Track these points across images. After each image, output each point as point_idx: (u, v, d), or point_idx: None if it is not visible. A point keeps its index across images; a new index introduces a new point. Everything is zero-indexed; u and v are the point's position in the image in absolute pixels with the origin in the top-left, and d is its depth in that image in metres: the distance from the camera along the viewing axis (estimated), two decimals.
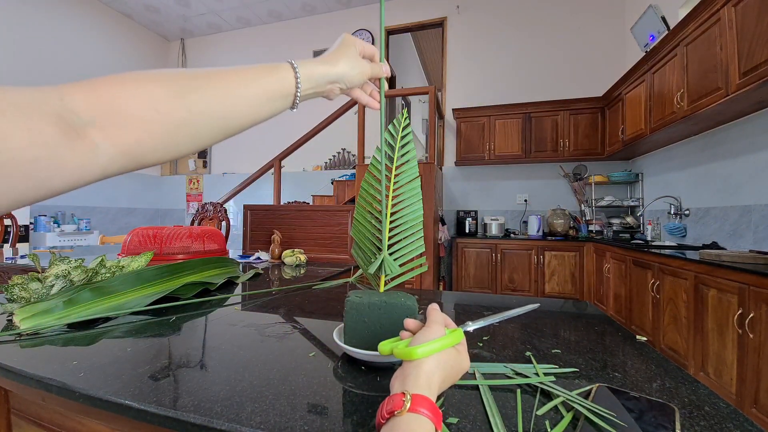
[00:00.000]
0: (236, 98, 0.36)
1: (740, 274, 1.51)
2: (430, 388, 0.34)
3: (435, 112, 3.07)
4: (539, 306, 0.59)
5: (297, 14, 4.97)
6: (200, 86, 0.34)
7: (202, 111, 0.34)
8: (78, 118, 0.26)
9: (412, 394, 0.32)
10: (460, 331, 0.41)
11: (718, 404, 0.42)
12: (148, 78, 0.31)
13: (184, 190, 5.61)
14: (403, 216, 0.56)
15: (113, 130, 0.28)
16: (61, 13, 4.24)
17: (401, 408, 0.31)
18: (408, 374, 0.35)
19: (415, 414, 0.31)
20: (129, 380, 0.47)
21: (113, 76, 0.30)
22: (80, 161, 0.27)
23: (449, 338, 0.38)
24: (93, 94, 0.28)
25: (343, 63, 0.45)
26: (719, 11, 1.91)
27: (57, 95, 0.26)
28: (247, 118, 0.38)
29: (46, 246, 3.79)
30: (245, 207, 2.08)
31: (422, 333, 0.39)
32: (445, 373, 0.37)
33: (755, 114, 2.07)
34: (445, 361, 0.37)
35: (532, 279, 3.39)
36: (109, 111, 0.28)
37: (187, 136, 0.33)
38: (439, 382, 0.36)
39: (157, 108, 0.31)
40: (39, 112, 0.24)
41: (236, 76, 0.36)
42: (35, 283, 0.74)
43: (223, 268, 1.11)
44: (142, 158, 0.31)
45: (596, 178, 3.59)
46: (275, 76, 0.39)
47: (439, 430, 0.32)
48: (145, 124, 0.30)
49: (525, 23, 4.07)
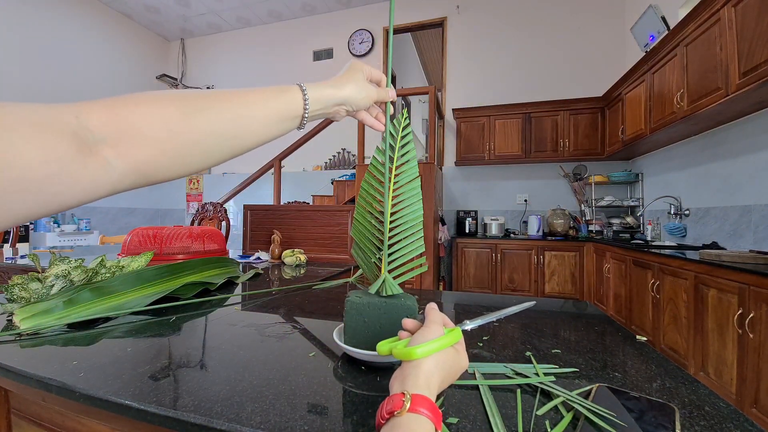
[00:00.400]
0: (247, 119, 0.37)
1: (740, 274, 1.51)
2: (429, 387, 0.34)
3: (435, 112, 3.07)
4: (535, 304, 0.59)
5: (297, 14, 4.97)
6: (212, 107, 0.35)
7: (213, 131, 0.35)
8: (92, 136, 0.27)
9: (411, 395, 0.32)
10: (458, 331, 0.41)
11: (718, 404, 0.42)
12: (162, 98, 0.32)
13: (184, 190, 5.61)
14: (403, 216, 0.56)
15: (125, 148, 0.29)
16: (61, 13, 4.24)
17: (401, 408, 0.31)
18: (407, 374, 0.35)
19: (414, 414, 0.31)
20: (129, 380, 0.47)
21: (130, 95, 0.31)
22: (92, 177, 0.27)
23: (448, 338, 0.38)
24: (108, 112, 0.29)
25: (350, 87, 0.47)
26: (719, 11, 1.91)
27: (73, 113, 0.27)
28: (256, 137, 0.39)
29: (46, 246, 3.79)
30: (245, 207, 2.08)
31: (421, 333, 0.39)
32: (444, 373, 0.37)
33: (755, 114, 2.07)
34: (444, 360, 0.37)
35: (532, 279, 3.39)
36: (122, 129, 0.29)
37: (198, 155, 0.34)
38: (439, 381, 0.36)
39: (170, 127, 0.32)
40: (53, 130, 0.25)
41: (247, 97, 0.38)
42: (35, 283, 0.74)
43: (223, 268, 1.11)
44: (152, 175, 0.32)
45: (596, 178, 3.59)
46: (285, 99, 0.41)
47: (439, 430, 0.32)
48: (157, 142, 0.31)
49: (525, 23, 4.07)
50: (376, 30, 4.64)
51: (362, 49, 4.67)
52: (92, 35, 4.59)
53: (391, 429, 0.30)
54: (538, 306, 0.89)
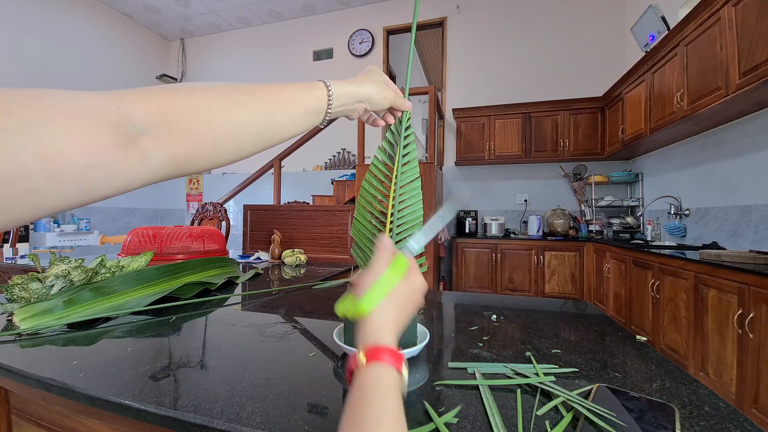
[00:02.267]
0: (279, 113, 0.38)
1: (740, 274, 1.51)
2: (382, 329, 0.35)
3: (435, 112, 3.07)
4: (469, 197, 0.56)
5: (297, 14, 4.97)
6: (248, 100, 0.35)
7: (248, 124, 0.35)
8: (134, 127, 0.27)
9: (365, 349, 0.33)
10: (403, 259, 0.40)
11: (718, 404, 0.42)
12: (201, 90, 0.32)
13: (184, 190, 5.60)
14: (404, 216, 0.56)
15: (166, 140, 0.29)
16: (61, 13, 4.24)
17: (358, 366, 0.33)
18: (361, 329, 0.36)
19: (373, 365, 0.32)
20: (129, 380, 0.47)
21: (169, 86, 0.31)
22: (131, 168, 0.27)
23: (390, 274, 0.38)
24: (151, 103, 0.28)
25: (371, 86, 0.49)
26: (719, 11, 1.90)
27: (114, 103, 0.26)
28: (286, 131, 0.40)
29: (46, 246, 3.79)
30: (245, 207, 2.08)
31: (361, 279, 0.38)
32: (399, 308, 0.38)
33: (755, 114, 2.07)
34: (395, 298, 0.38)
35: (532, 279, 3.39)
36: (164, 121, 0.29)
37: (232, 147, 0.35)
38: (394, 319, 0.37)
39: (210, 120, 0.32)
40: (94, 120, 0.24)
41: (280, 91, 0.39)
42: (35, 283, 0.74)
43: (223, 268, 1.11)
44: (187, 167, 0.32)
45: (596, 178, 3.59)
46: (313, 94, 0.42)
47: (401, 369, 0.34)
48: (197, 135, 0.31)
49: (525, 23, 4.07)
50: (376, 30, 4.64)
51: (362, 49, 4.67)
52: (92, 35, 4.59)
53: (353, 387, 0.32)
54: (538, 306, 0.89)
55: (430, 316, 0.81)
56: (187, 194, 5.58)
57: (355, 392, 0.31)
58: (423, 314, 0.80)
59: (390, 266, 0.38)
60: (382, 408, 0.29)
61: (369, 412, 0.29)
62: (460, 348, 0.60)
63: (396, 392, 0.31)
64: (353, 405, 0.30)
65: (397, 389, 0.31)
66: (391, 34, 4.63)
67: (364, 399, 0.30)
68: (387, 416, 0.29)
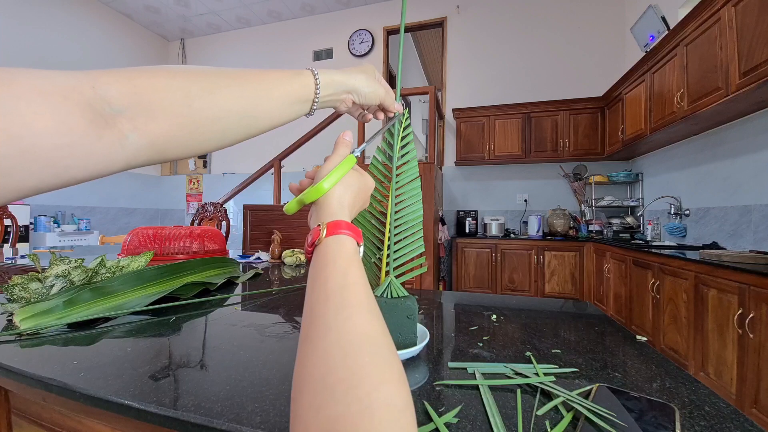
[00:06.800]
0: (264, 99, 0.37)
1: (740, 274, 1.51)
2: (343, 209, 0.37)
3: (435, 112, 3.07)
4: (407, 114, 0.56)
5: (296, 14, 4.97)
6: (230, 84, 0.34)
7: (230, 108, 0.34)
8: (109, 108, 0.26)
9: (327, 222, 0.35)
10: (351, 157, 0.42)
11: (718, 404, 0.42)
12: (182, 72, 0.31)
13: (184, 190, 5.61)
14: (403, 216, 0.56)
15: (144, 122, 0.28)
16: (61, 13, 4.24)
17: (319, 237, 0.34)
18: (319, 207, 0.38)
19: (333, 236, 0.34)
20: (129, 380, 0.47)
21: (147, 67, 0.30)
22: (106, 151, 0.26)
23: (344, 164, 0.40)
24: (128, 84, 0.27)
25: (361, 77, 0.48)
26: (719, 11, 1.91)
27: (89, 83, 0.25)
28: (271, 119, 0.39)
29: (46, 246, 3.79)
30: (245, 207, 2.08)
31: (321, 169, 0.41)
32: (354, 193, 0.41)
33: (755, 114, 2.07)
34: (349, 184, 0.41)
35: (532, 279, 3.39)
36: (142, 102, 0.28)
37: (215, 132, 0.34)
38: (350, 201, 0.40)
39: (190, 102, 0.31)
40: (64, 98, 0.23)
41: (264, 77, 0.38)
42: (35, 283, 0.74)
43: (223, 268, 1.11)
44: (168, 151, 0.31)
45: (596, 178, 3.59)
46: (299, 81, 0.41)
47: (361, 243, 0.35)
48: (177, 117, 0.30)
49: (525, 23, 4.07)
50: (376, 30, 4.64)
51: (362, 49, 4.67)
52: (92, 35, 4.59)
53: (317, 257, 0.33)
54: (538, 306, 0.89)
55: (430, 316, 0.81)
56: (187, 194, 5.58)
57: (319, 259, 0.33)
58: (423, 314, 0.80)
59: (345, 159, 0.42)
60: (346, 267, 0.31)
61: (335, 270, 0.31)
62: (460, 348, 0.60)
63: (358, 259, 0.33)
64: (317, 269, 0.32)
65: (359, 258, 0.33)
66: (391, 34, 4.63)
67: (328, 263, 0.32)
68: (352, 274, 0.31)
